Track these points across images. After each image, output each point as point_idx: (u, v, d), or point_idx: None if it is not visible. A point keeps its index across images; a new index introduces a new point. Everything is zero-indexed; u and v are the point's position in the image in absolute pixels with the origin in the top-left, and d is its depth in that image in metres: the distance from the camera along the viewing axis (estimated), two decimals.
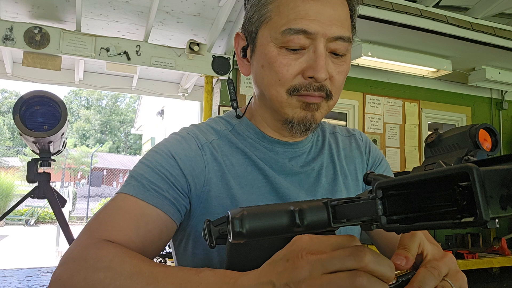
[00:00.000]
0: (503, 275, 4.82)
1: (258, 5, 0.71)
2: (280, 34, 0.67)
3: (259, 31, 0.71)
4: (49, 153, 2.87)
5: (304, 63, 0.67)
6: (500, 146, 0.63)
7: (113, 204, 0.66)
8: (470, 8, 3.91)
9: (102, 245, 0.58)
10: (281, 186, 0.75)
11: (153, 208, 0.66)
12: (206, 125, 0.80)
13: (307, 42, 0.66)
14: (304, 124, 0.71)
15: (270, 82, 0.70)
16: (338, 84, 0.71)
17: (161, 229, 0.66)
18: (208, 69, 4.00)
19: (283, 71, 0.68)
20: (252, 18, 0.72)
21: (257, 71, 0.73)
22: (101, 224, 0.63)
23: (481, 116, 5.49)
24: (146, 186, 0.67)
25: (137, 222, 0.64)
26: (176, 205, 0.69)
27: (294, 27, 0.65)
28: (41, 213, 11.58)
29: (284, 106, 0.70)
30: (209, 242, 0.53)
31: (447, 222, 0.34)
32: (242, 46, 0.77)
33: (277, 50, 0.68)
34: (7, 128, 28.77)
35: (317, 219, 0.45)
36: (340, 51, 0.68)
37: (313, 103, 0.69)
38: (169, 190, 0.68)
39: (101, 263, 0.54)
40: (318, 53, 0.66)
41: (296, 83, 0.68)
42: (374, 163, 0.88)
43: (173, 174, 0.69)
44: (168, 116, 9.17)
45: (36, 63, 3.54)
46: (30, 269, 5.60)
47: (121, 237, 0.61)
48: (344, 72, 0.71)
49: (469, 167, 0.30)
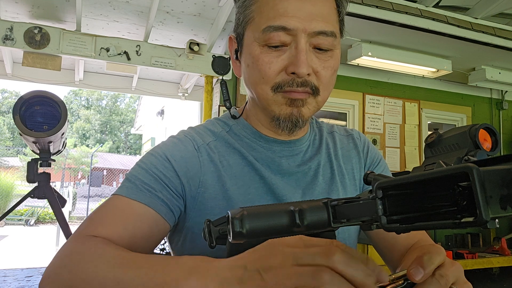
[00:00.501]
0: (503, 275, 4.82)
1: (242, 7, 0.72)
2: (261, 33, 0.68)
3: (245, 32, 0.72)
4: (49, 153, 2.87)
5: (286, 59, 0.68)
6: (500, 146, 0.63)
7: (105, 205, 0.68)
8: (470, 8, 3.91)
9: (87, 239, 0.59)
10: (277, 186, 0.75)
11: (144, 206, 0.66)
12: (203, 127, 0.81)
13: (288, 38, 0.67)
14: (291, 120, 0.71)
15: (255, 81, 0.71)
16: (325, 79, 0.71)
17: (151, 227, 0.67)
18: (208, 69, 4.00)
19: (265, 69, 0.69)
20: (239, 20, 0.74)
21: (244, 71, 0.74)
22: (91, 223, 0.65)
23: (481, 116, 5.49)
24: (139, 186, 0.68)
25: (126, 219, 0.65)
26: (169, 205, 0.69)
27: (273, 24, 0.66)
28: (41, 213, 11.58)
29: (271, 104, 0.71)
30: (209, 242, 0.53)
31: (447, 222, 0.34)
32: (234, 48, 0.78)
33: (259, 49, 0.69)
34: (7, 128, 28.79)
35: (317, 219, 0.45)
36: (324, 46, 0.69)
37: (297, 99, 0.69)
38: (162, 191, 0.69)
39: (84, 255, 0.55)
40: (299, 49, 0.66)
41: (280, 80, 0.69)
42: (372, 163, 0.88)
43: (167, 176, 0.70)
44: (168, 116, 9.18)
45: (36, 63, 3.54)
46: (30, 269, 5.60)
47: (108, 233, 0.62)
48: (330, 67, 0.71)
49: (469, 167, 0.30)
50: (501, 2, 3.68)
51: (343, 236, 0.79)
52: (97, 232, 0.62)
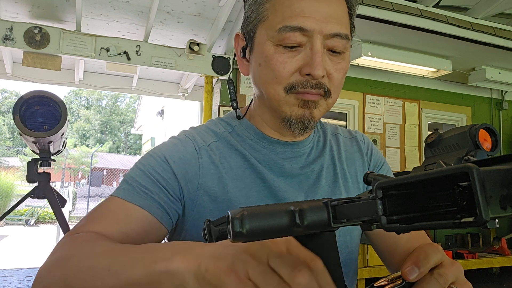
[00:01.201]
0: (503, 275, 4.82)
1: (255, 4, 0.71)
2: (277, 32, 0.67)
3: (257, 30, 0.71)
4: (49, 153, 2.87)
5: (301, 60, 0.67)
6: (500, 146, 0.63)
7: (101, 206, 0.68)
8: (470, 8, 3.91)
9: (78, 236, 0.60)
10: (279, 189, 0.75)
11: (139, 209, 0.66)
12: (205, 127, 0.80)
13: (303, 39, 0.66)
14: (302, 122, 0.70)
15: (267, 80, 0.70)
16: (336, 82, 0.70)
17: (145, 229, 0.66)
18: (208, 69, 4.00)
19: (279, 69, 0.68)
20: (250, 18, 0.72)
21: (255, 70, 0.73)
22: (85, 222, 0.65)
23: (481, 116, 5.49)
24: (136, 188, 0.68)
25: (119, 220, 0.65)
26: (166, 208, 0.69)
27: (290, 24, 0.66)
28: (41, 213, 11.58)
29: (282, 104, 0.70)
30: (209, 242, 0.53)
31: (447, 222, 0.34)
32: (241, 46, 0.77)
33: (274, 48, 0.68)
34: (7, 128, 28.78)
35: (317, 219, 0.45)
36: (338, 48, 0.68)
37: (310, 100, 0.69)
38: (159, 193, 0.68)
39: (74, 250, 0.56)
40: (314, 50, 0.66)
41: (293, 80, 0.68)
42: (375, 166, 0.88)
43: (165, 178, 0.69)
44: (168, 116, 9.17)
45: (36, 63, 3.54)
46: (30, 269, 5.60)
47: (101, 230, 0.62)
48: (342, 69, 0.71)
49: (469, 167, 0.30)
50: (501, 2, 3.68)
51: (345, 239, 0.78)
52: (90, 229, 0.62)
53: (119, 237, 0.63)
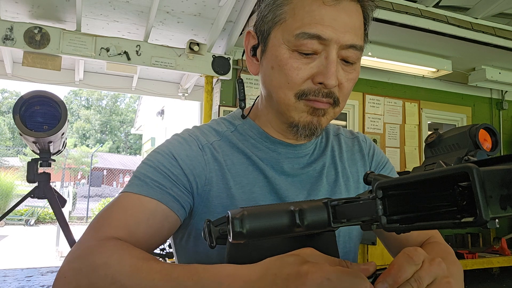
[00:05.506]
0: (503, 275, 4.82)
1: (273, 5, 0.70)
2: (294, 37, 0.66)
3: (272, 31, 0.70)
4: (49, 153, 2.87)
5: (315, 68, 0.67)
6: (500, 146, 0.63)
7: (115, 203, 0.67)
8: (470, 8, 3.91)
9: (103, 243, 0.59)
10: (281, 187, 0.75)
11: (156, 202, 0.66)
12: (208, 126, 0.80)
13: (319, 47, 0.66)
14: (310, 128, 0.71)
15: (278, 84, 0.70)
16: (346, 91, 0.71)
17: (163, 223, 0.67)
18: (208, 69, 4.00)
19: (293, 75, 0.67)
20: (265, 18, 0.71)
21: (266, 72, 0.72)
22: (103, 222, 0.64)
23: (481, 116, 5.49)
24: (150, 184, 0.68)
25: (138, 216, 0.65)
26: (180, 202, 0.69)
27: (309, 31, 0.65)
28: (41, 213, 11.57)
29: (291, 110, 0.70)
30: (209, 242, 0.53)
31: (447, 222, 0.34)
32: (252, 44, 0.76)
33: (289, 53, 0.67)
34: (7, 128, 28.77)
35: (317, 219, 0.45)
36: (351, 59, 0.68)
37: (320, 108, 0.69)
38: (172, 188, 0.69)
39: (101, 261, 0.55)
40: (330, 60, 0.66)
41: (305, 87, 0.68)
42: (377, 166, 0.88)
43: (175, 173, 0.70)
44: (168, 116, 9.18)
45: (36, 63, 3.53)
46: (30, 269, 5.60)
47: (122, 232, 0.62)
48: (353, 80, 0.71)
49: (469, 167, 0.30)
50: (501, 2, 3.68)
51: (344, 239, 0.78)
52: (113, 233, 0.62)
53: (139, 236, 0.64)
